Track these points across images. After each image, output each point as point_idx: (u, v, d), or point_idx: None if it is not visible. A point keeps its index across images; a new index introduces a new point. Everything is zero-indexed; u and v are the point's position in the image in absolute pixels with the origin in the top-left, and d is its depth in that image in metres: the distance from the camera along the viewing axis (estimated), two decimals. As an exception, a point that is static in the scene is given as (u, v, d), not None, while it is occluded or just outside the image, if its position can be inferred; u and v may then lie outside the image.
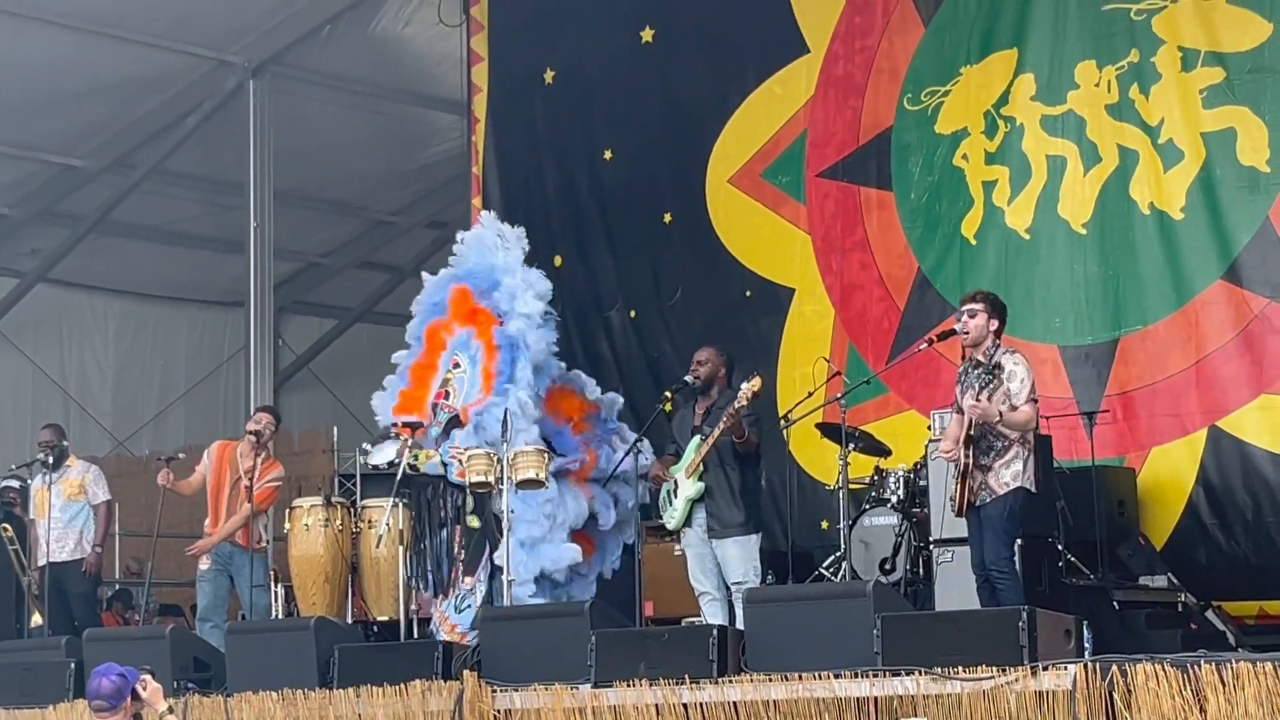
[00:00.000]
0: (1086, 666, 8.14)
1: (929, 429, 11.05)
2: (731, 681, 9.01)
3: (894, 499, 11.41)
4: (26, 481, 13.74)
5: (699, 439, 10.58)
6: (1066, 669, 8.17)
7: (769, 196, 13.79)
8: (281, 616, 11.74)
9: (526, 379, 11.35)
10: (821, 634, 8.98)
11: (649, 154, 14.51)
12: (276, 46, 16.77)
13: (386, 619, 11.31)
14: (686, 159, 14.23)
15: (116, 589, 17.26)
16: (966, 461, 9.28)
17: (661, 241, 14.38)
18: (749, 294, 13.80)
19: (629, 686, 9.24)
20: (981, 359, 9.46)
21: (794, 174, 13.66)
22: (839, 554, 11.14)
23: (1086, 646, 8.61)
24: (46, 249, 18.91)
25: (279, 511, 12.45)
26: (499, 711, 9.67)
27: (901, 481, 11.45)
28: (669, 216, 14.33)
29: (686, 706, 9.06)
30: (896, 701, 8.52)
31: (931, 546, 10.69)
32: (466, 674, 9.76)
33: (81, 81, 16.47)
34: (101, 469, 13.73)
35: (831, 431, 11.64)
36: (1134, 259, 12.05)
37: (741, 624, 9.71)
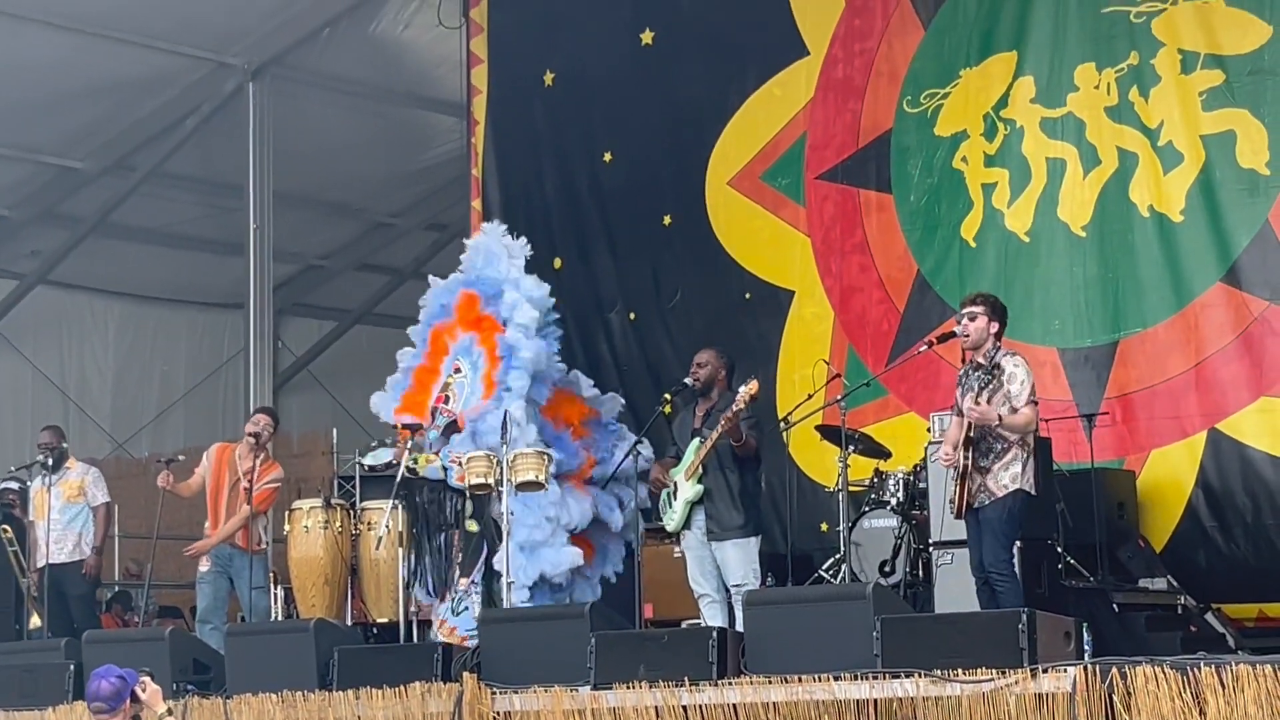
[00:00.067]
0: (1086, 669, 8.14)
1: (928, 431, 11.06)
2: (731, 683, 9.00)
3: (893, 501, 11.42)
4: (26, 483, 13.75)
5: (698, 441, 10.59)
6: (1066, 671, 8.17)
7: (769, 199, 13.79)
8: (281, 618, 11.73)
9: (522, 389, 11.35)
10: (821, 636, 8.97)
11: (649, 156, 14.51)
12: (276, 48, 16.77)
13: (386, 621, 11.31)
14: (686, 161, 14.23)
15: (116, 591, 17.28)
16: (966, 463, 9.28)
17: (661, 243, 14.38)
18: (748, 296, 13.80)
19: (628, 688, 9.24)
20: (982, 361, 9.46)
21: (794, 176, 13.66)
22: (838, 556, 11.15)
23: (1086, 649, 8.62)
24: (46, 251, 18.91)
25: (278, 513, 12.45)
26: (498, 713, 9.67)
27: (901, 484, 11.46)
28: (669, 218, 14.34)
29: (686, 709, 9.06)
30: (896, 704, 8.52)
31: (931, 549, 10.69)
32: (466, 676, 9.76)
33: (81, 83, 16.47)
34: (101, 471, 13.73)
35: (831, 434, 11.64)
36: (1133, 261, 12.05)
37: (741, 626, 9.70)
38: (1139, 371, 11.94)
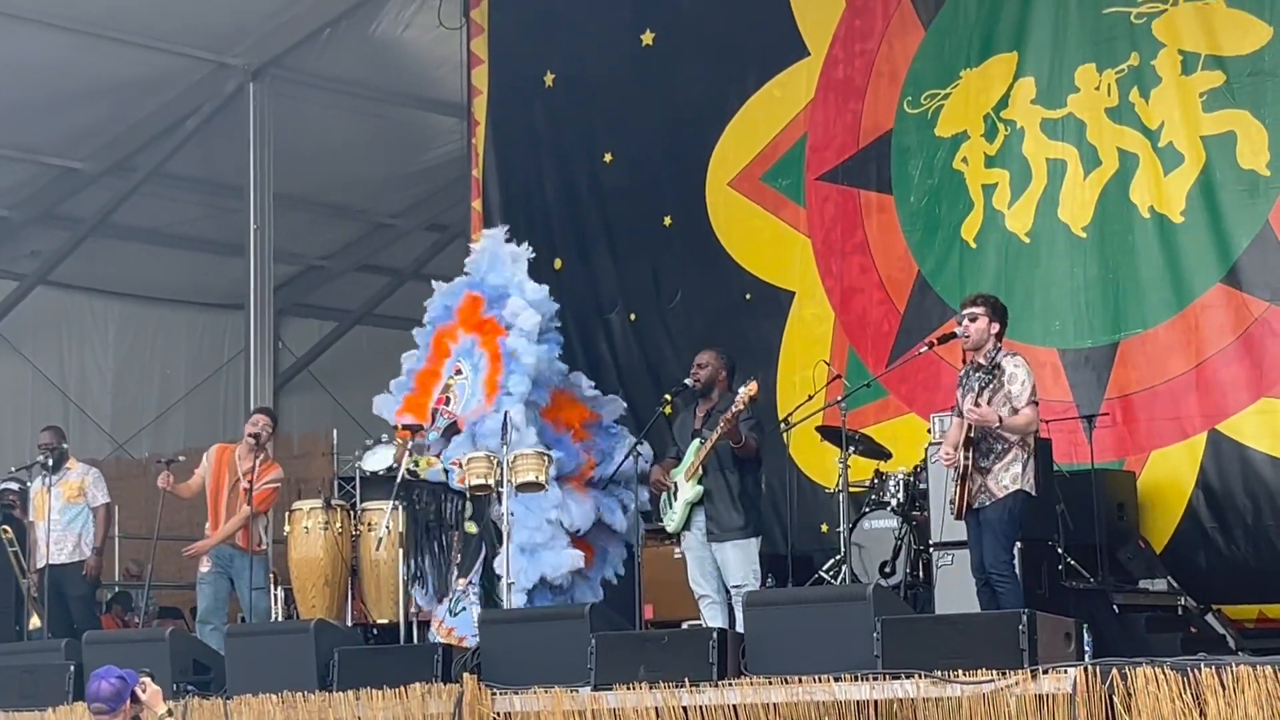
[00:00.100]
0: (1086, 670, 8.13)
1: (929, 432, 11.05)
2: (731, 684, 9.00)
3: (894, 502, 11.42)
4: (26, 484, 13.75)
5: (699, 442, 10.58)
6: (1066, 672, 8.17)
7: (769, 199, 13.79)
8: (281, 619, 11.73)
9: (522, 394, 11.36)
10: (821, 637, 8.97)
11: (649, 157, 14.51)
12: (277, 49, 16.78)
13: (386, 621, 11.31)
14: (687, 162, 14.23)
15: (116, 591, 17.27)
16: (966, 464, 9.28)
17: (661, 244, 14.38)
18: (749, 297, 13.80)
19: (629, 689, 9.23)
20: (982, 362, 9.45)
21: (794, 177, 13.66)
22: (839, 557, 11.14)
23: (1086, 650, 8.61)
24: (46, 251, 18.92)
25: (279, 514, 12.45)
26: (498, 714, 9.67)
27: (901, 484, 11.46)
28: (669, 219, 14.34)
29: (686, 709, 9.06)
30: (896, 705, 8.52)
31: (931, 549, 10.68)
32: (466, 676, 9.76)
33: (81, 84, 16.48)
34: (101, 471, 13.72)
35: (831, 434, 11.65)
36: (1134, 262, 12.05)
37: (741, 627, 9.70)
38: (1139, 372, 11.94)
